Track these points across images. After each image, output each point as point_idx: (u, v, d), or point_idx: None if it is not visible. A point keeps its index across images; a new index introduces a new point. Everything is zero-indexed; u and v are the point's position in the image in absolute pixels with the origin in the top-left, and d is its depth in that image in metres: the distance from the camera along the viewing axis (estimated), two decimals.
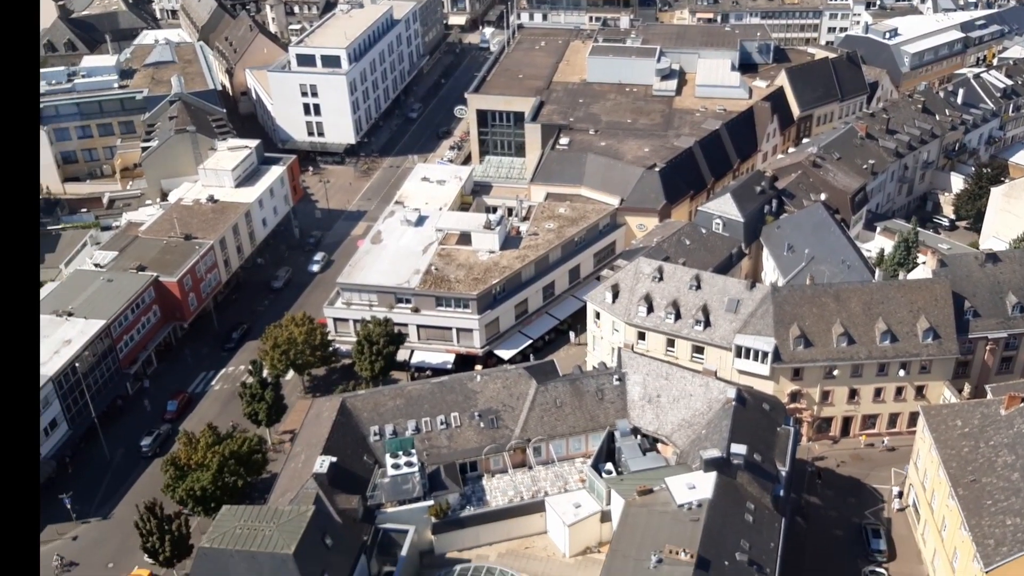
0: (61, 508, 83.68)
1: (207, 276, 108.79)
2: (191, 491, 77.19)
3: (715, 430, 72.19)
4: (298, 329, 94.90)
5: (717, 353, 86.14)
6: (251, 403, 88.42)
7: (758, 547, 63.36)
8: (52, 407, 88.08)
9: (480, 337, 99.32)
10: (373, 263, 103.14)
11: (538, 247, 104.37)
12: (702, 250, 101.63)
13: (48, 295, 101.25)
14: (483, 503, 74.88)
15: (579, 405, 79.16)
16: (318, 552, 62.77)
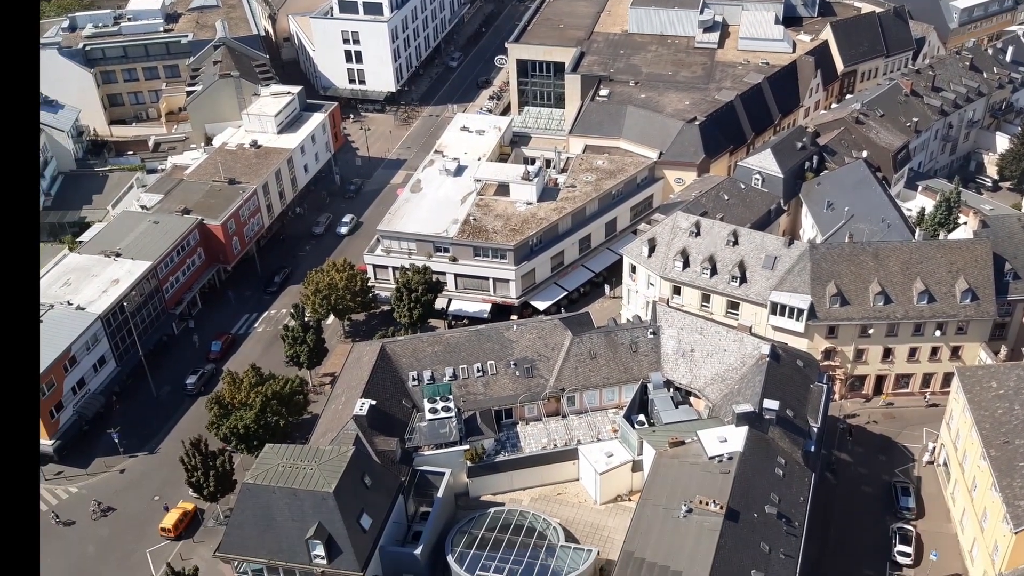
0: (109, 442, 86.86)
1: (250, 220, 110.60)
2: (234, 429, 79.70)
3: (748, 385, 73.01)
4: (339, 275, 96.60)
5: (752, 309, 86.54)
6: (293, 346, 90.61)
7: (787, 501, 64.55)
8: (101, 344, 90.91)
9: (516, 287, 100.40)
10: (412, 212, 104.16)
11: (575, 199, 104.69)
12: (740, 205, 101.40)
13: (96, 235, 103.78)
14: (517, 449, 76.56)
15: (613, 357, 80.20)
16: (357, 491, 64.86)
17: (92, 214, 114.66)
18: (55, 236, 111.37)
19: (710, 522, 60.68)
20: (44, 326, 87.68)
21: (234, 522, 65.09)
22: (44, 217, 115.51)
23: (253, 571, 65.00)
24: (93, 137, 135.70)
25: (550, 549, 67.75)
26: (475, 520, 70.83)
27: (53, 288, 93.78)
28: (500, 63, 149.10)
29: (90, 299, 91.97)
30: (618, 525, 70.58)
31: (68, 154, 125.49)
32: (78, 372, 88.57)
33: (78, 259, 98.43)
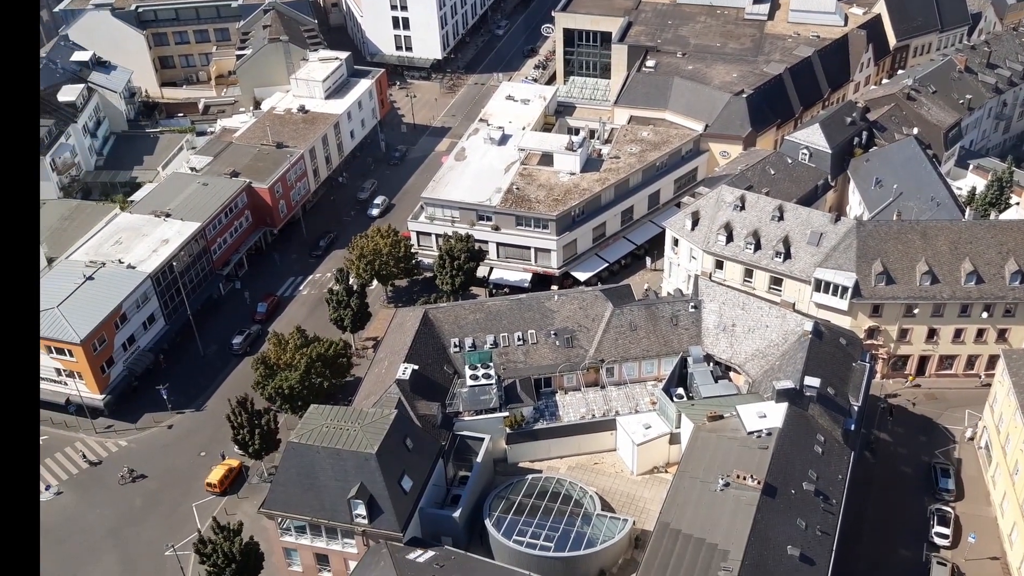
0: (158, 398, 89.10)
1: (297, 184, 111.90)
2: (279, 389, 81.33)
3: (789, 362, 72.86)
4: (383, 240, 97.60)
5: (796, 286, 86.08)
6: (337, 309, 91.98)
7: (825, 478, 64.63)
8: (150, 303, 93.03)
9: (558, 258, 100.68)
10: (456, 180, 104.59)
11: (619, 171, 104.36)
12: (786, 180, 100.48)
13: (146, 196, 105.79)
14: (556, 418, 77.27)
15: (653, 329, 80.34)
16: (399, 453, 66.00)
17: (143, 175, 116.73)
18: (107, 195, 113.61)
19: (747, 497, 60.99)
20: (96, 284, 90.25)
21: (279, 480, 66.62)
22: (96, 177, 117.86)
23: (296, 528, 66.58)
24: (145, 99, 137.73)
25: (586, 517, 68.57)
26: (513, 486, 71.76)
27: (105, 246, 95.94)
28: (547, 32, 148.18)
29: (140, 258, 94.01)
30: (654, 496, 71.24)
31: (120, 115, 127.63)
32: (128, 329, 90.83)
33: (129, 218, 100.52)
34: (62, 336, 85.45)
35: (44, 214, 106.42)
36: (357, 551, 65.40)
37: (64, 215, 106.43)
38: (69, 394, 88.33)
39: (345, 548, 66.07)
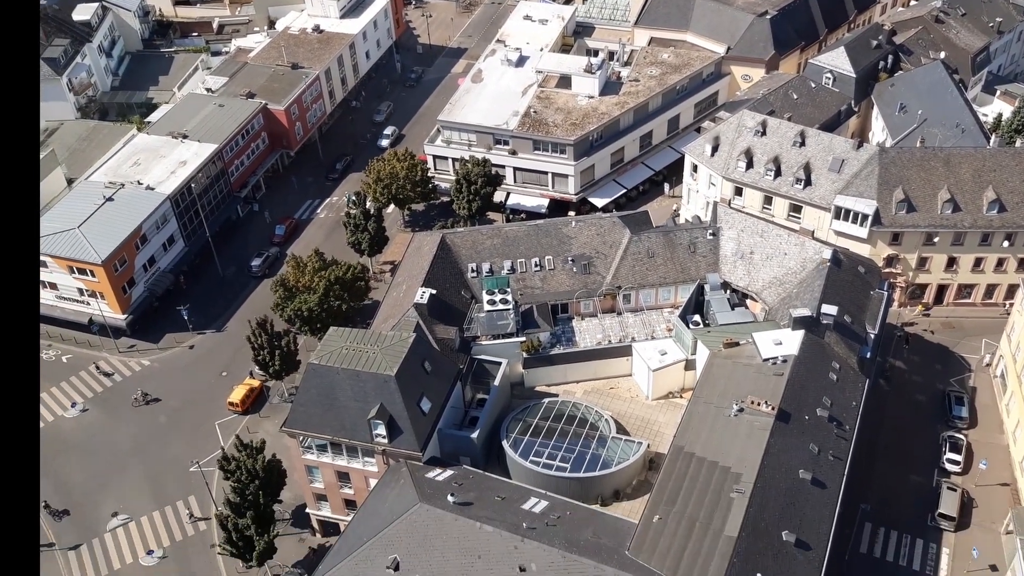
0: (179, 319, 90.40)
1: (312, 106, 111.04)
2: (299, 311, 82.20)
3: (807, 289, 72.92)
4: (400, 164, 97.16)
5: (815, 213, 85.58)
6: (354, 233, 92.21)
7: (839, 405, 65.34)
8: (169, 224, 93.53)
9: (575, 183, 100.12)
10: (473, 102, 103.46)
11: (638, 94, 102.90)
12: (809, 105, 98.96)
13: (163, 117, 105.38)
14: (572, 343, 77.92)
15: (671, 257, 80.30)
16: (417, 376, 67.00)
17: (159, 95, 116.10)
18: (123, 116, 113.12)
19: (760, 422, 61.83)
20: (116, 205, 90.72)
21: (299, 400, 67.84)
22: (112, 97, 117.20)
23: (317, 446, 68.12)
24: (159, 18, 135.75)
25: (601, 440, 69.77)
26: (529, 409, 72.90)
27: (123, 168, 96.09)
28: None
29: (159, 179, 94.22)
30: (668, 420, 72.28)
31: (134, 34, 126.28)
32: (148, 250, 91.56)
33: (147, 140, 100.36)
34: (83, 256, 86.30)
35: (62, 135, 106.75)
36: (377, 469, 66.95)
37: (82, 136, 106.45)
38: (92, 314, 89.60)
39: (366, 467, 67.64)
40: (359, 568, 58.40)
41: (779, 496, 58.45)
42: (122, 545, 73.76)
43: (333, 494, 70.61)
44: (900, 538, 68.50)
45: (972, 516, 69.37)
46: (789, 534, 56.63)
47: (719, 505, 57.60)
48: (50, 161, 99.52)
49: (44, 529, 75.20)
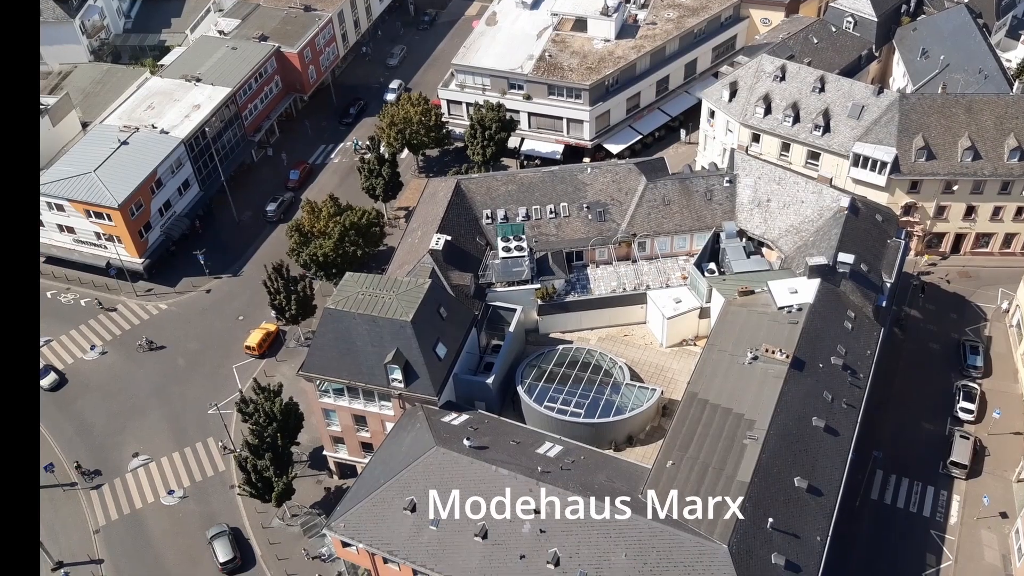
0: (195, 263, 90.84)
1: (326, 49, 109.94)
2: (314, 256, 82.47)
3: (823, 238, 72.62)
4: (414, 109, 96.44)
5: (833, 161, 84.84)
6: (369, 178, 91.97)
7: (854, 353, 65.48)
8: (184, 168, 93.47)
9: (590, 129, 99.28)
10: (488, 46, 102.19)
11: (655, 38, 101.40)
12: (830, 50, 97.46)
13: (176, 60, 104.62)
14: (587, 291, 78.03)
15: (687, 204, 79.91)
16: (433, 321, 67.35)
17: (171, 38, 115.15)
18: (136, 59, 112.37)
19: (775, 370, 62.11)
20: (131, 149, 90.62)
21: (316, 344, 68.40)
22: (125, 40, 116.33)
23: (334, 390, 68.84)
24: None
25: (615, 386, 70.25)
26: (544, 355, 73.30)
27: (138, 111, 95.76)
28: None
29: (173, 123, 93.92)
30: (682, 368, 72.67)
31: None
32: (164, 194, 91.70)
33: (160, 83, 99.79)
34: (100, 200, 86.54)
35: (76, 77, 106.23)
36: (394, 413, 67.76)
37: (95, 79, 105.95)
38: (109, 257, 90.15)
39: (382, 410, 68.42)
40: (376, 509, 59.52)
41: (792, 443, 58.99)
42: (143, 485, 75.29)
43: (350, 437, 71.65)
44: (911, 485, 69.22)
45: (984, 464, 69.93)
46: (801, 480, 57.28)
47: (732, 451, 58.19)
48: (64, 104, 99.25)
49: (67, 471, 76.73)
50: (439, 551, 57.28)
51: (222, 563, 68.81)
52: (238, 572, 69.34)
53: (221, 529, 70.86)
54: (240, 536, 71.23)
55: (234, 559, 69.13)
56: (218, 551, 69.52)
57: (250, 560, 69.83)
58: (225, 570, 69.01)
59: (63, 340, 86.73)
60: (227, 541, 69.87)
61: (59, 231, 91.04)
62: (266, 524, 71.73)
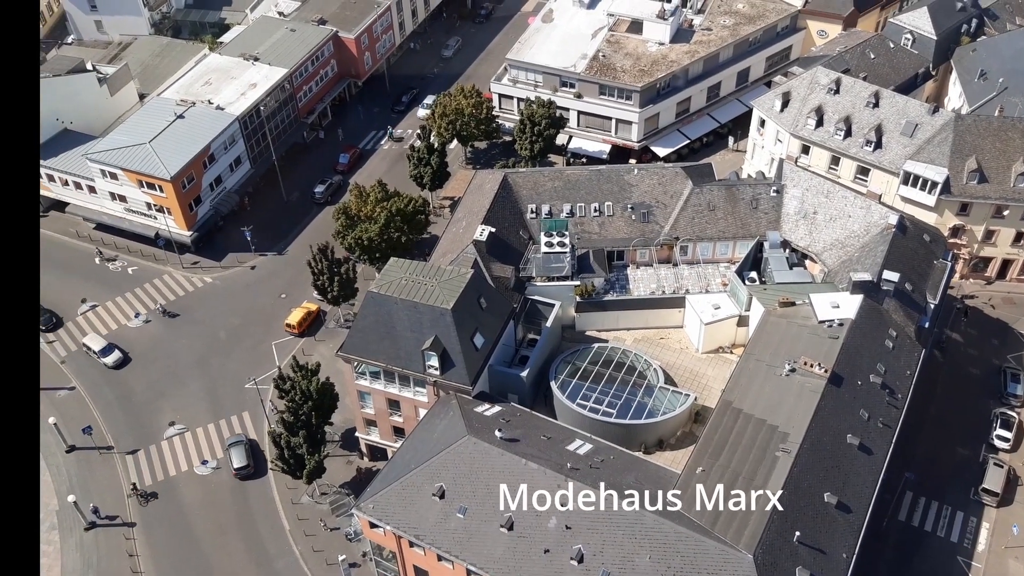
0: (242, 239, 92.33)
1: (383, 37, 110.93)
2: (359, 240, 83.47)
3: (869, 254, 72.15)
4: (466, 101, 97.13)
5: (883, 177, 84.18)
6: (417, 166, 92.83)
7: (893, 372, 65.07)
8: (237, 145, 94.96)
9: (638, 131, 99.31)
10: (542, 43, 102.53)
11: (709, 43, 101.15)
12: (886, 66, 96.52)
13: (235, 38, 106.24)
14: (626, 291, 78.14)
15: (732, 211, 79.71)
16: (473, 311, 67.91)
17: (231, 16, 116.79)
18: (196, 35, 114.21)
19: (812, 383, 61.92)
20: (186, 123, 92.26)
21: (357, 326, 69.27)
22: (186, 15, 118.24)
23: (371, 373, 69.66)
24: None
25: (649, 388, 70.33)
26: (579, 352, 73.54)
27: (195, 87, 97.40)
28: None
29: (229, 100, 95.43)
30: (717, 375, 72.61)
31: None
32: (216, 170, 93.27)
33: (218, 60, 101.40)
34: (153, 171, 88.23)
35: (136, 49, 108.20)
36: (428, 400, 68.48)
37: (155, 52, 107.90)
38: (159, 228, 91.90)
39: (416, 396, 69.17)
40: (405, 493, 60.25)
41: (824, 458, 58.83)
42: (178, 453, 76.85)
43: (383, 420, 72.54)
44: (941, 509, 68.71)
45: (1016, 493, 69.18)
46: (831, 496, 57.14)
47: (763, 462, 58.17)
48: (123, 75, 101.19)
49: (104, 434, 78.49)
50: (464, 539, 57.91)
51: (236, 468, 74.87)
52: (250, 478, 75.29)
53: (239, 439, 76.63)
54: (256, 448, 76.57)
55: (247, 466, 75.03)
56: (234, 458, 75.24)
57: (262, 470, 75.45)
58: (239, 475, 75.00)
59: (108, 306, 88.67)
60: (243, 449, 75.72)
61: (111, 199, 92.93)
62: (295, 500, 72.89)
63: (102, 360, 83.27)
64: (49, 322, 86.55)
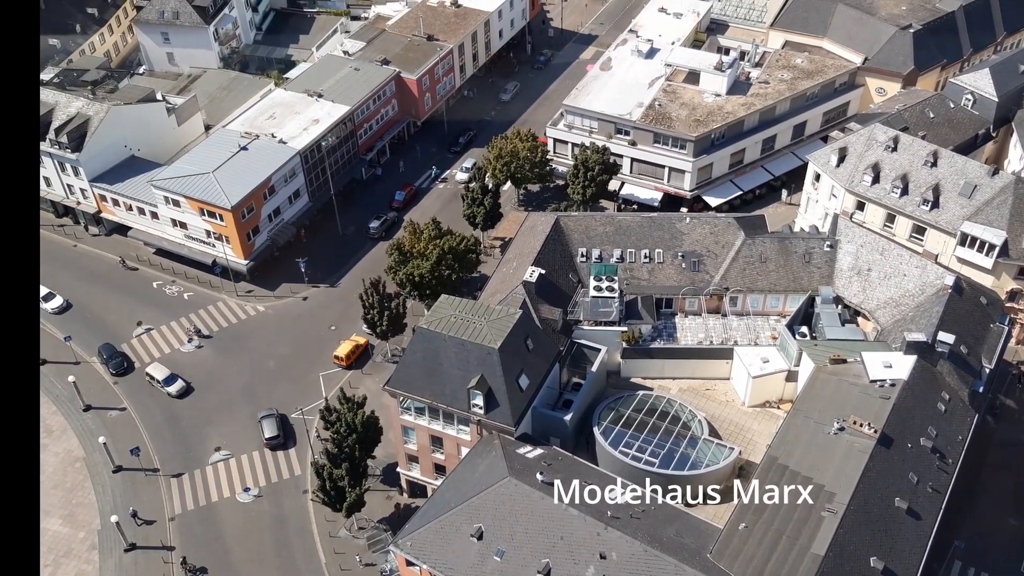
0: (296, 270, 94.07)
1: (443, 79, 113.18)
2: (411, 276, 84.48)
3: (924, 314, 71.14)
4: (521, 144, 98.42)
5: (940, 237, 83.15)
6: (471, 206, 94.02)
7: (944, 436, 63.76)
8: (297, 178, 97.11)
9: (691, 180, 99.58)
10: (599, 90, 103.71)
11: (766, 96, 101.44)
12: (945, 126, 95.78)
13: (300, 75, 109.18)
14: (673, 339, 77.87)
15: (784, 264, 79.27)
16: (519, 351, 68.06)
17: (298, 53, 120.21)
18: (263, 70, 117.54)
19: (861, 443, 60.90)
20: (249, 154, 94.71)
21: (405, 361, 69.84)
22: (254, 51, 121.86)
23: (416, 408, 70.01)
24: None
25: (693, 440, 69.70)
26: (624, 399, 73.29)
27: (259, 120, 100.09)
28: None
29: (292, 135, 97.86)
30: (763, 430, 71.78)
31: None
32: (275, 201, 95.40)
33: (283, 95, 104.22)
34: (214, 200, 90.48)
35: (205, 82, 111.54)
36: (470, 438, 68.63)
37: (222, 85, 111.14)
38: (216, 256, 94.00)
39: (459, 434, 69.37)
40: (443, 532, 60.19)
41: (872, 521, 57.64)
42: (221, 479, 77.73)
43: (425, 457, 72.78)
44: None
45: None
46: (877, 561, 55.86)
47: (808, 521, 57.16)
48: (191, 106, 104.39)
49: (151, 455, 79.79)
50: None
51: (267, 438, 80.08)
52: (280, 448, 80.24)
53: (270, 412, 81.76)
54: (285, 421, 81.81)
55: (277, 436, 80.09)
56: (265, 428, 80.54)
57: (291, 440, 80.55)
58: (269, 445, 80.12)
59: (163, 330, 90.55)
60: (274, 421, 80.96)
61: (172, 225, 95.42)
62: (333, 533, 73.17)
63: (165, 389, 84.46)
64: (120, 366, 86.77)
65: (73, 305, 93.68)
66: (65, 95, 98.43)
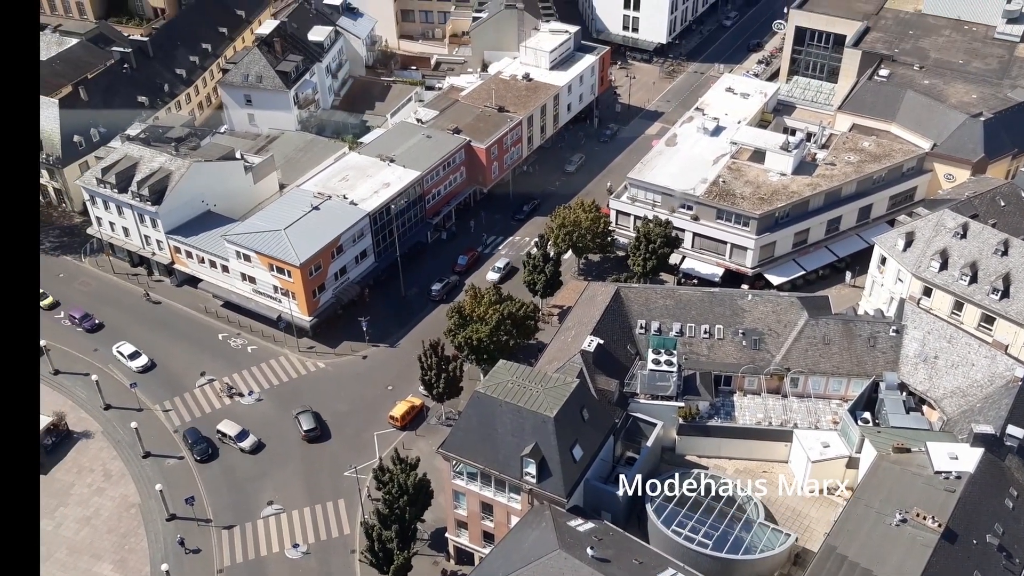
0: (357, 328, 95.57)
1: (511, 148, 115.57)
2: (469, 340, 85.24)
3: (992, 406, 69.34)
4: (584, 215, 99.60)
5: (1010, 328, 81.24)
6: (531, 273, 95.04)
7: (1012, 534, 61.55)
8: (365, 239, 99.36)
9: (753, 257, 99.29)
10: (664, 165, 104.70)
11: (832, 178, 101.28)
12: (1016, 215, 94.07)
13: (374, 140, 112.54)
14: (731, 418, 77.03)
15: (847, 347, 78.24)
16: (574, 421, 67.93)
17: (373, 119, 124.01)
18: (338, 134, 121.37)
19: (924, 537, 59.08)
20: (320, 214, 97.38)
21: (460, 425, 70.18)
22: (331, 116, 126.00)
23: (468, 473, 70.03)
24: (383, 48, 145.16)
25: (747, 523, 68.27)
26: (678, 476, 72.17)
27: (332, 181, 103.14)
28: (778, 27, 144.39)
29: (362, 197, 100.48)
30: (821, 517, 70.09)
31: (360, 60, 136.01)
32: (342, 260, 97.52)
33: (357, 159, 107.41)
34: (284, 256, 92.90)
35: (282, 143, 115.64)
36: (521, 508, 68.19)
37: (299, 146, 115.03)
38: (282, 311, 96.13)
39: (510, 502, 69.03)
40: None
41: None
42: (272, 534, 78.13)
43: (474, 523, 72.42)
44: None
45: None
46: None
47: None
48: (268, 165, 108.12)
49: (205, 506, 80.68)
50: None
51: (306, 430, 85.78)
52: (317, 440, 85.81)
53: (305, 408, 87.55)
54: (319, 417, 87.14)
55: (315, 429, 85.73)
56: (303, 422, 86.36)
57: (327, 434, 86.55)
58: (307, 437, 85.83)
59: (225, 382, 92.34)
60: (311, 415, 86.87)
61: (241, 279, 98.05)
62: None
63: (238, 445, 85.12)
64: (205, 452, 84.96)
65: (157, 365, 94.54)
66: (150, 150, 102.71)
